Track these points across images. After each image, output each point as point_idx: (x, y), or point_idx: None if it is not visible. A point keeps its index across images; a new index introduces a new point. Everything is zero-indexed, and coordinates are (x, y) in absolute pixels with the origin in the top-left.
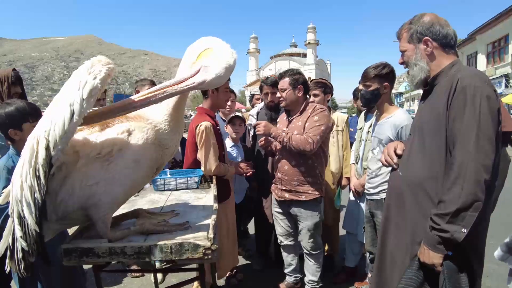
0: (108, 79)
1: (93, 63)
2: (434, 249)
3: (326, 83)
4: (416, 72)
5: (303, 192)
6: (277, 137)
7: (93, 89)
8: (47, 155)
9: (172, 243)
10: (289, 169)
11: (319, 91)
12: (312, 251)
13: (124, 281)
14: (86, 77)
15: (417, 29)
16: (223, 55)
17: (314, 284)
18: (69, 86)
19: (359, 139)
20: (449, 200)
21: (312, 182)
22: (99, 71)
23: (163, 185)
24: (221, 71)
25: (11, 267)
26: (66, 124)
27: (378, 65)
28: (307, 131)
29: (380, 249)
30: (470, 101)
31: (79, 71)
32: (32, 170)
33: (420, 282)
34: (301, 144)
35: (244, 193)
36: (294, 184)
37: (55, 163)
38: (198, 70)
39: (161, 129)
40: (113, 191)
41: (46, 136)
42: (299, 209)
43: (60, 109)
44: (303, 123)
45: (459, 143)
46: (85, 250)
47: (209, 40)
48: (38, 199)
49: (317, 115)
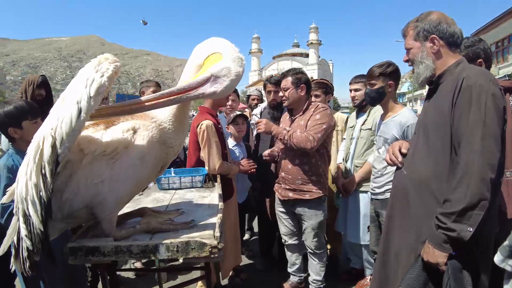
0: (115, 77)
1: (100, 60)
2: (440, 248)
3: (327, 83)
4: (422, 70)
5: (307, 191)
6: (277, 135)
7: (100, 87)
8: (53, 153)
9: (179, 242)
10: (292, 168)
11: (320, 92)
12: (316, 250)
13: (128, 280)
14: (93, 75)
15: (424, 26)
16: (233, 65)
17: (318, 283)
18: (76, 83)
19: (350, 137)
20: (456, 199)
21: (316, 181)
22: (107, 69)
23: (168, 184)
24: (232, 84)
25: (16, 266)
26: (73, 122)
27: (382, 64)
28: (308, 129)
29: (383, 248)
30: (476, 100)
31: (86, 68)
32: (38, 168)
33: (423, 282)
34: (302, 142)
35: (247, 192)
36: (298, 183)
37: (62, 161)
38: (207, 79)
39: (166, 128)
40: (118, 190)
41: (52, 134)
42: (303, 208)
43: (67, 107)
44: (306, 122)
45: (464, 141)
46: (90, 249)
47: (218, 43)
48: (43, 197)
49: (319, 113)
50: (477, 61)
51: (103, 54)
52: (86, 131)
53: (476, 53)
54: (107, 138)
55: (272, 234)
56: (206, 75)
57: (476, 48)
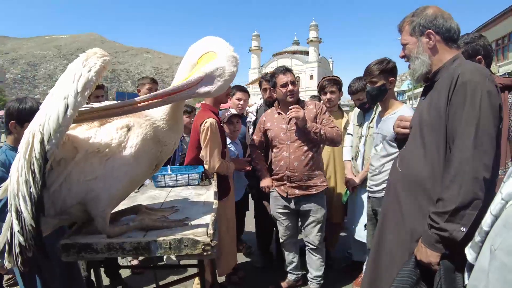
0: (104, 71)
1: (88, 55)
2: (432, 247)
3: (339, 80)
4: (418, 66)
5: (313, 186)
6: (312, 127)
7: (87, 82)
8: (41, 149)
9: (171, 239)
10: (299, 164)
11: (335, 88)
12: (318, 245)
13: (125, 277)
14: (81, 70)
15: (419, 21)
16: (227, 65)
17: (318, 279)
18: (64, 79)
19: (358, 135)
20: (448, 198)
21: (319, 175)
22: (94, 64)
23: (164, 182)
24: (225, 83)
25: (9, 262)
26: (60, 118)
27: (381, 60)
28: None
29: (376, 245)
30: (470, 97)
31: (74, 64)
32: (27, 164)
33: (415, 280)
34: (335, 136)
35: (243, 190)
36: (305, 179)
37: (50, 157)
38: (201, 78)
39: (160, 126)
40: (112, 187)
41: (40, 130)
42: (309, 204)
43: (55, 103)
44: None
45: (458, 139)
46: (83, 246)
47: (212, 41)
48: (33, 193)
49: (326, 112)
50: (476, 58)
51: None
52: (79, 128)
53: (475, 49)
54: (101, 135)
55: (270, 231)
56: (200, 75)
57: (475, 44)
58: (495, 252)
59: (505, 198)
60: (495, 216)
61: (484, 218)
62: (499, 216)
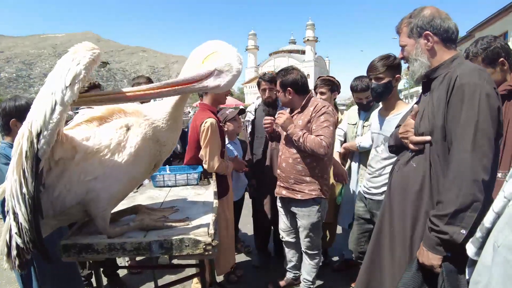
0: (94, 65)
1: (76, 49)
2: (433, 250)
3: (333, 80)
4: (417, 67)
5: (299, 191)
6: (292, 134)
7: (76, 76)
8: (31, 148)
9: (173, 239)
10: (287, 166)
11: (326, 89)
12: (308, 250)
13: (123, 277)
14: (69, 64)
15: (417, 23)
16: (234, 62)
17: (308, 283)
18: (53, 75)
19: (353, 134)
20: (447, 201)
21: (309, 182)
22: (83, 57)
23: (163, 181)
24: (233, 79)
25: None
26: (47, 115)
27: (386, 56)
28: (316, 133)
29: (373, 247)
30: (468, 99)
31: (63, 58)
32: (18, 163)
33: (419, 283)
34: (315, 147)
35: (243, 190)
36: (291, 182)
37: (42, 156)
38: (211, 72)
39: (159, 126)
40: (111, 187)
41: (29, 128)
42: (296, 208)
43: (42, 100)
44: (305, 122)
45: (456, 142)
46: (84, 246)
47: (217, 43)
48: (25, 194)
49: (322, 115)
50: (499, 61)
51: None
52: (78, 127)
53: (495, 52)
54: (100, 135)
55: (268, 230)
56: (210, 68)
57: (494, 48)
58: (498, 248)
59: (507, 197)
60: (497, 213)
61: (486, 215)
62: (501, 214)
